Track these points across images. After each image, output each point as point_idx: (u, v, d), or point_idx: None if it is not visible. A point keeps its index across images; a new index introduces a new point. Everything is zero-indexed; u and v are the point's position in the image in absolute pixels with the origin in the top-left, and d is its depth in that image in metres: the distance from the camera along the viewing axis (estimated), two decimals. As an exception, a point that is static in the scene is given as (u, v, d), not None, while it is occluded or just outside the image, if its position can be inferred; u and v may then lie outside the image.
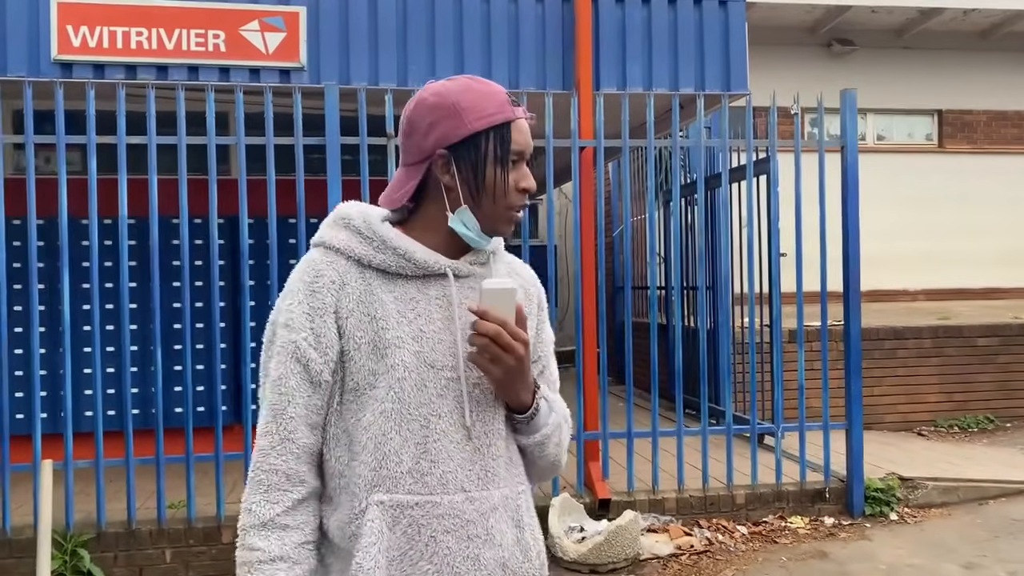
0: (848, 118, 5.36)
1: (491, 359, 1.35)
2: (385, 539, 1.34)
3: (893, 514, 5.33)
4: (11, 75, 4.98)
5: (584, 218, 5.30)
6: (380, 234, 1.41)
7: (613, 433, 5.28)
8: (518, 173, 1.42)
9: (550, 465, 1.54)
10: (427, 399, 1.38)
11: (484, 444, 1.40)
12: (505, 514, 1.41)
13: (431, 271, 1.41)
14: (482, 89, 1.42)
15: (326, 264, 1.40)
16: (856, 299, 5.40)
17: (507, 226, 1.44)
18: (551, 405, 1.50)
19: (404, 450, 1.36)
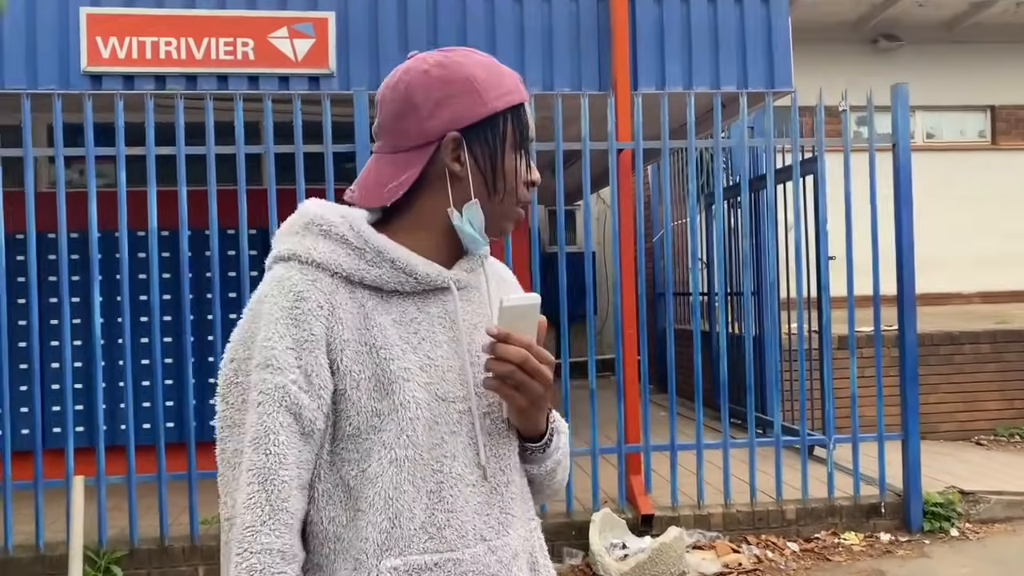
0: (900, 114, 5.11)
1: (515, 386, 1.13)
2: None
3: (954, 530, 5.04)
4: (42, 88, 4.96)
5: (623, 223, 5.11)
6: (373, 243, 1.15)
7: (656, 446, 5.07)
8: (526, 164, 1.23)
9: (554, 490, 1.35)
10: (439, 439, 1.15)
11: (501, 483, 1.20)
12: (524, 560, 1.22)
13: (432, 285, 1.18)
14: (494, 64, 1.21)
15: (307, 284, 1.12)
16: (911, 304, 5.13)
17: (511, 223, 1.23)
18: (558, 426, 1.30)
19: (416, 504, 1.13)
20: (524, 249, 6.39)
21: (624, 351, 5.06)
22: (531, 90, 5.19)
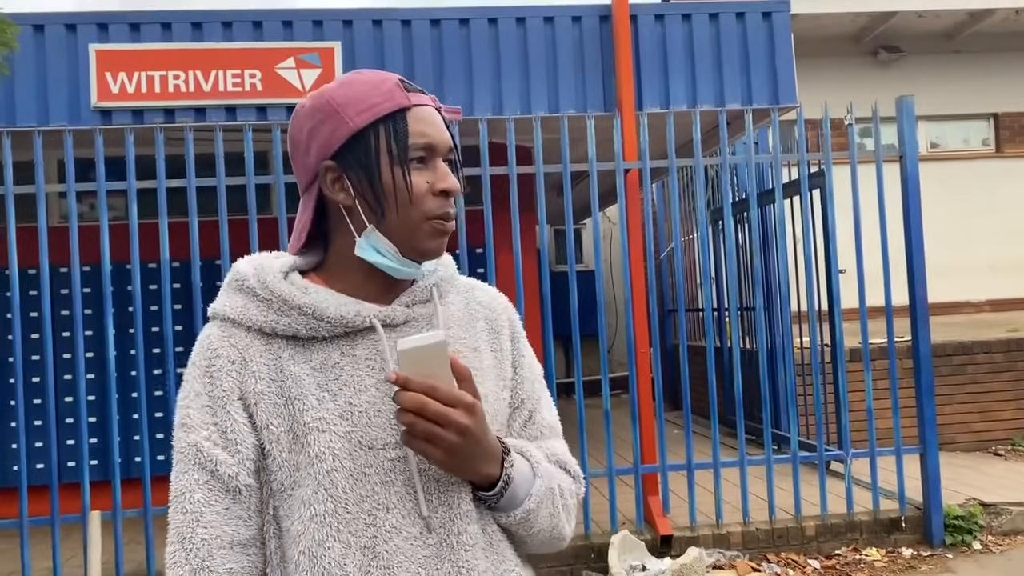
0: (906, 127, 5.12)
1: (425, 438, 1.03)
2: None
3: (976, 543, 4.99)
4: (53, 125, 5.00)
5: (632, 241, 5.12)
6: (278, 292, 1.11)
7: (672, 465, 5.04)
8: (432, 173, 1.11)
9: (545, 541, 1.19)
10: (369, 491, 1.07)
11: (451, 534, 1.09)
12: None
13: (353, 327, 1.11)
14: (364, 79, 1.12)
15: (222, 340, 1.11)
16: (924, 315, 5.12)
17: (431, 241, 1.12)
18: (536, 468, 1.15)
19: (348, 560, 1.05)
20: (533, 268, 6.40)
21: (638, 370, 5.05)
22: (537, 113, 5.22)
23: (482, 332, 1.22)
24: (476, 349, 1.20)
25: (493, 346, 1.22)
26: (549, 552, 1.25)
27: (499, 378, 1.21)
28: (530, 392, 1.24)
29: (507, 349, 1.23)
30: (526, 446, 1.18)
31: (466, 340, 1.19)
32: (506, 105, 5.29)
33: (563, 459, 1.24)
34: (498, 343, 1.23)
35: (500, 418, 1.18)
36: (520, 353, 1.25)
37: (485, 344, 1.22)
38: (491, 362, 1.20)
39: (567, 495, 1.20)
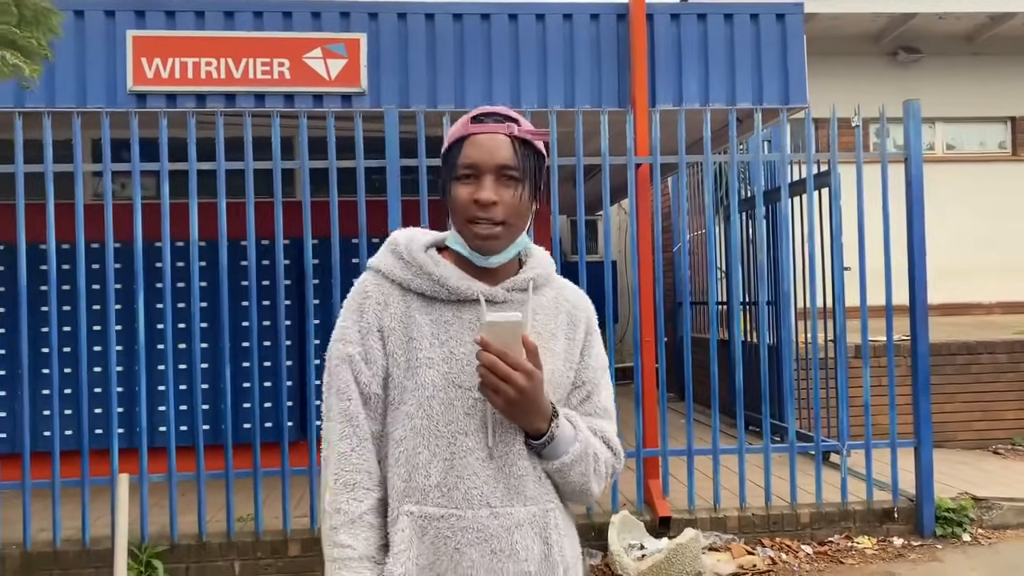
0: (912, 129, 5.26)
1: (492, 388, 1.35)
2: (415, 548, 1.40)
3: (966, 535, 5.16)
4: (90, 106, 5.23)
5: (641, 234, 5.30)
6: (418, 261, 1.48)
7: (673, 451, 5.24)
8: (475, 186, 1.41)
9: (576, 492, 1.49)
10: (455, 417, 1.41)
11: (506, 463, 1.42)
12: (531, 531, 1.42)
13: (464, 297, 1.45)
14: (466, 114, 1.49)
15: (374, 286, 1.49)
16: (923, 314, 5.27)
17: (474, 239, 1.43)
18: (578, 434, 1.45)
19: (432, 465, 1.41)
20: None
21: (643, 359, 5.23)
22: (553, 107, 5.40)
23: (562, 322, 1.53)
24: (553, 334, 1.51)
25: (568, 335, 1.53)
26: (579, 504, 1.56)
27: (567, 360, 1.52)
28: (591, 378, 1.55)
29: (580, 340, 1.54)
30: (575, 417, 1.48)
31: (546, 325, 1.51)
32: (524, 98, 5.47)
33: (607, 436, 1.53)
34: (573, 333, 1.53)
35: (561, 391, 1.50)
36: (590, 345, 1.55)
37: (562, 332, 1.52)
38: (563, 346, 1.52)
39: (601, 463, 1.49)
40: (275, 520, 5.03)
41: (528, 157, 1.45)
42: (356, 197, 5.07)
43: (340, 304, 4.72)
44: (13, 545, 4.77)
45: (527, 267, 1.52)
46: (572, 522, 1.55)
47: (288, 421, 5.16)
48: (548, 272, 1.55)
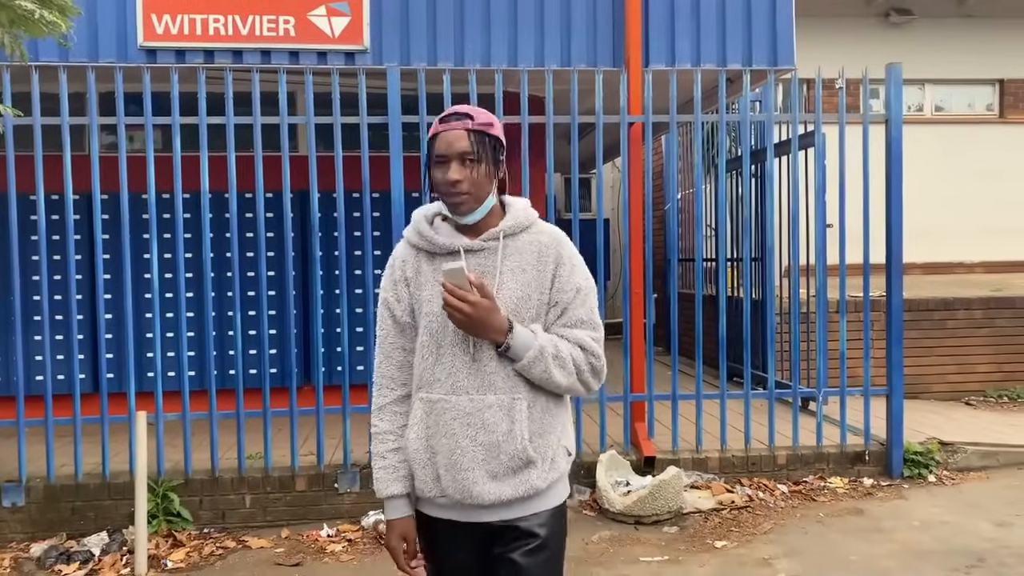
0: (893, 92, 5.47)
1: (449, 313, 1.90)
2: (423, 422, 1.99)
3: (931, 476, 5.50)
4: (102, 61, 5.41)
5: (632, 193, 5.53)
6: (419, 229, 2.05)
7: (658, 395, 5.55)
8: (445, 169, 1.94)
9: (544, 383, 1.96)
10: (447, 334, 1.97)
11: (481, 365, 1.95)
12: (499, 412, 1.94)
13: (450, 250, 1.99)
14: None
15: (401, 249, 2.09)
16: (898, 270, 5.54)
17: (453, 209, 1.98)
18: (535, 339, 1.92)
19: (437, 366, 1.98)
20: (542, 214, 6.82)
21: (631, 309, 5.51)
22: (549, 65, 5.60)
23: (532, 258, 1.99)
24: (523, 268, 1.98)
25: (537, 268, 1.98)
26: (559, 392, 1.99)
27: (538, 287, 1.98)
28: (563, 299, 1.99)
29: (548, 271, 1.98)
30: (537, 329, 1.95)
31: (518, 261, 1.99)
32: (521, 56, 5.66)
33: (581, 340, 1.97)
34: (542, 266, 1.98)
35: (532, 310, 1.97)
36: (559, 274, 1.99)
37: (531, 266, 1.98)
38: (533, 276, 1.98)
39: (568, 362, 1.94)
40: (283, 458, 5.34)
41: (483, 142, 1.94)
42: (360, 152, 5.29)
43: (344, 255, 4.97)
44: (37, 478, 5.07)
45: (504, 220, 2.00)
46: (556, 418, 2.01)
47: (295, 367, 5.43)
48: (522, 221, 2.02)
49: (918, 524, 4.71)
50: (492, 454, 1.93)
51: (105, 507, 5.04)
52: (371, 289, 5.36)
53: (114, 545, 4.76)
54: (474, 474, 1.92)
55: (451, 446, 1.94)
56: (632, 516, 4.88)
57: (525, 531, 1.95)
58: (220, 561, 4.56)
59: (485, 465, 1.93)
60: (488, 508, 1.95)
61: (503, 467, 1.93)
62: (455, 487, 1.94)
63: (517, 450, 1.93)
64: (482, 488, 1.93)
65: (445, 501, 1.97)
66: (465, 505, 1.95)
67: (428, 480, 1.97)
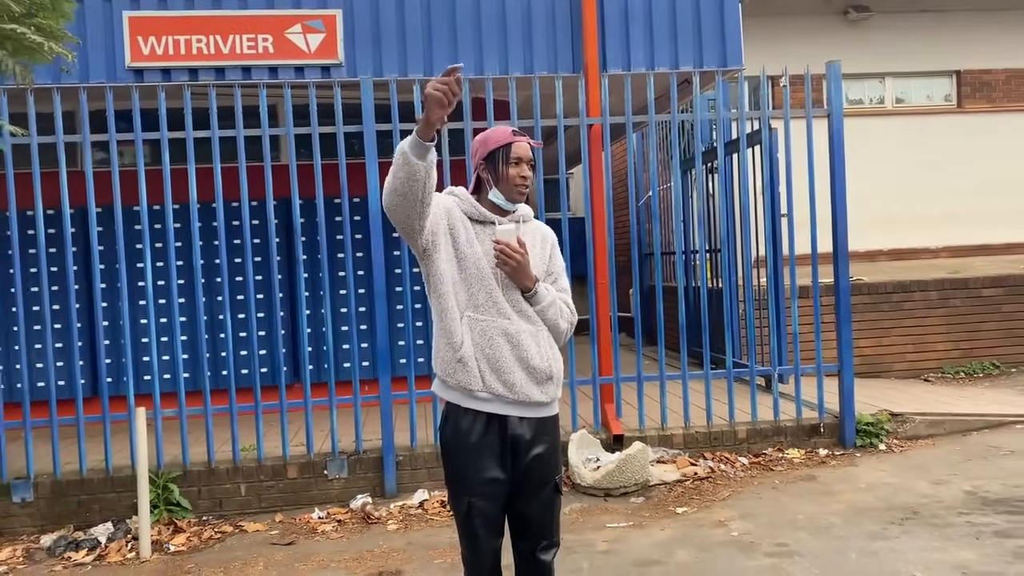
0: (833, 88, 5.86)
1: (501, 262, 2.52)
2: (469, 335, 2.54)
3: (882, 445, 5.89)
4: (93, 81, 5.76)
5: (594, 190, 5.91)
6: (470, 200, 2.65)
7: (625, 377, 5.93)
8: (518, 168, 2.60)
9: (552, 327, 2.64)
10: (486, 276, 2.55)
11: (512, 302, 2.58)
12: (530, 338, 2.57)
13: (488, 220, 2.61)
14: (500, 130, 2.67)
15: (446, 199, 2.62)
16: (844, 254, 5.92)
17: (519, 197, 2.63)
18: (549, 292, 2.63)
19: (480, 294, 2.55)
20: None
21: (597, 299, 5.89)
22: (513, 73, 5.98)
23: (538, 239, 2.70)
24: (533, 245, 2.66)
25: (541, 246, 2.70)
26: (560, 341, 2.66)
27: (542, 259, 2.69)
28: (555, 270, 2.72)
29: (548, 250, 2.72)
30: (549, 287, 2.65)
31: (531, 239, 2.66)
32: (487, 66, 6.04)
33: (567, 301, 2.70)
34: (544, 246, 2.71)
35: (539, 273, 2.63)
36: (554, 255, 2.73)
37: (538, 244, 2.69)
38: (539, 252, 2.68)
39: (565, 311, 2.67)
40: (275, 449, 5.69)
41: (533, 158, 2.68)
42: (338, 160, 5.65)
43: (326, 258, 5.33)
44: (44, 475, 5.41)
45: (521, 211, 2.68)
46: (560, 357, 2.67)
47: (283, 366, 5.77)
48: (530, 214, 2.74)
49: (864, 486, 5.10)
50: (527, 365, 2.55)
51: (109, 500, 5.38)
52: (353, 290, 5.72)
53: (119, 533, 5.10)
54: (517, 375, 2.54)
55: (496, 355, 2.53)
56: (601, 489, 5.25)
57: (547, 424, 2.62)
58: (219, 544, 4.91)
59: (524, 371, 2.55)
60: (526, 405, 2.56)
61: (538, 376, 2.57)
62: (500, 383, 2.53)
63: (543, 367, 2.57)
64: (525, 387, 2.55)
65: (487, 396, 2.53)
66: (507, 400, 2.53)
67: (474, 375, 2.53)
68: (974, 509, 4.55)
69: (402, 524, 4.99)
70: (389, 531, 4.89)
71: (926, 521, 4.41)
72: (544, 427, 2.61)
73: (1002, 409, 6.42)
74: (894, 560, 3.91)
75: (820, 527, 4.43)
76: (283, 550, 4.70)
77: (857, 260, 9.61)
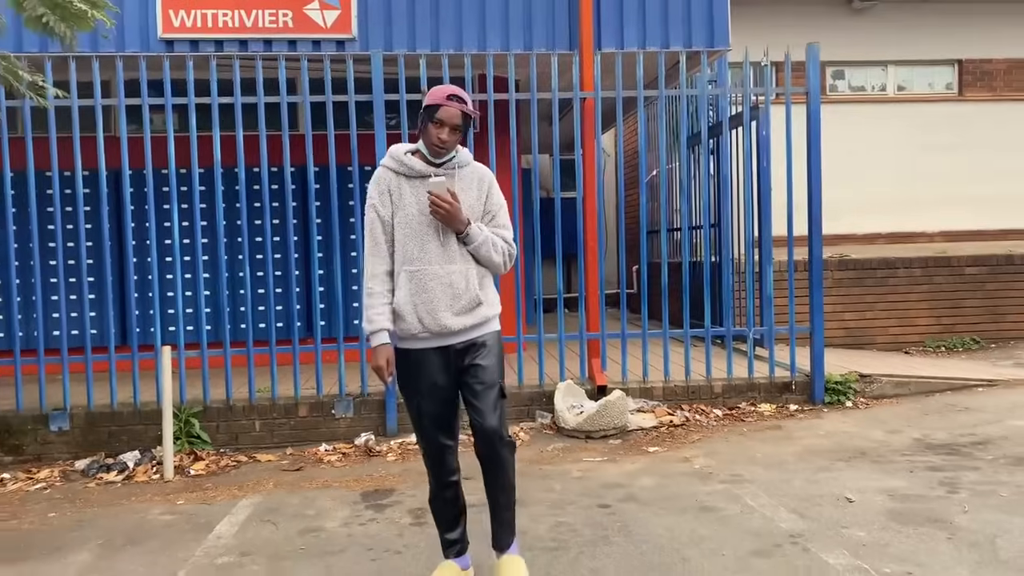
0: (811, 69, 6.26)
1: (433, 211, 2.95)
2: (406, 286, 2.99)
3: (848, 402, 6.32)
4: (128, 51, 6.30)
5: (586, 162, 6.36)
6: (401, 159, 3.06)
7: (610, 334, 6.40)
8: (439, 129, 2.96)
9: (487, 261, 3.07)
10: (423, 230, 3.00)
11: (447, 247, 3.01)
12: (459, 276, 3.01)
13: (422, 174, 3.02)
14: (440, 88, 3.01)
15: (382, 171, 3.09)
16: (818, 222, 6.31)
17: (433, 154, 3.01)
18: (482, 231, 3.03)
19: (414, 249, 3.00)
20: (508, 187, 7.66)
21: (587, 264, 6.34)
22: (513, 50, 6.44)
23: (473, 181, 3.09)
24: (469, 187, 3.06)
25: (478, 188, 3.08)
26: (496, 272, 3.12)
27: (478, 200, 3.08)
28: (492, 209, 3.10)
29: (484, 191, 3.10)
30: (483, 227, 3.05)
31: (468, 183, 3.07)
32: (489, 42, 6.51)
33: (506, 237, 3.11)
34: (480, 188, 3.09)
35: (475, 216, 3.05)
36: (489, 193, 3.11)
37: (474, 186, 3.08)
38: (475, 194, 3.08)
39: (500, 248, 3.07)
40: (288, 391, 6.21)
41: (465, 120, 3.00)
42: (349, 130, 6.13)
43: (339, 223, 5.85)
44: (79, 407, 5.98)
45: (457, 158, 3.08)
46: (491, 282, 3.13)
47: (297, 321, 6.27)
48: (467, 159, 3.12)
49: (823, 434, 5.54)
50: (457, 301, 3.00)
51: (136, 431, 5.94)
52: (361, 250, 6.22)
53: (145, 459, 5.66)
54: (446, 314, 2.98)
55: (429, 298, 2.98)
56: (583, 432, 5.73)
57: (480, 343, 3.04)
58: (234, 470, 5.45)
59: (452, 308, 2.99)
60: (456, 333, 3.01)
61: (464, 308, 3.01)
62: (434, 323, 2.98)
63: (472, 296, 3.03)
64: (452, 321, 3.00)
65: (426, 335, 3.00)
66: (441, 334, 3.00)
67: (415, 322, 2.98)
68: (917, 452, 4.98)
69: (400, 457, 5.51)
70: (388, 462, 5.41)
71: (870, 460, 4.86)
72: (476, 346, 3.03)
73: (966, 374, 6.81)
74: (831, 485, 4.36)
75: (774, 463, 4.88)
76: (292, 474, 5.23)
77: (856, 243, 9.98)
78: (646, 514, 4.03)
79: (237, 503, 4.58)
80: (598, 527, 3.87)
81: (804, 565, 3.32)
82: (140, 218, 7.21)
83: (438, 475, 3.12)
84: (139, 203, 7.13)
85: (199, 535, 4.04)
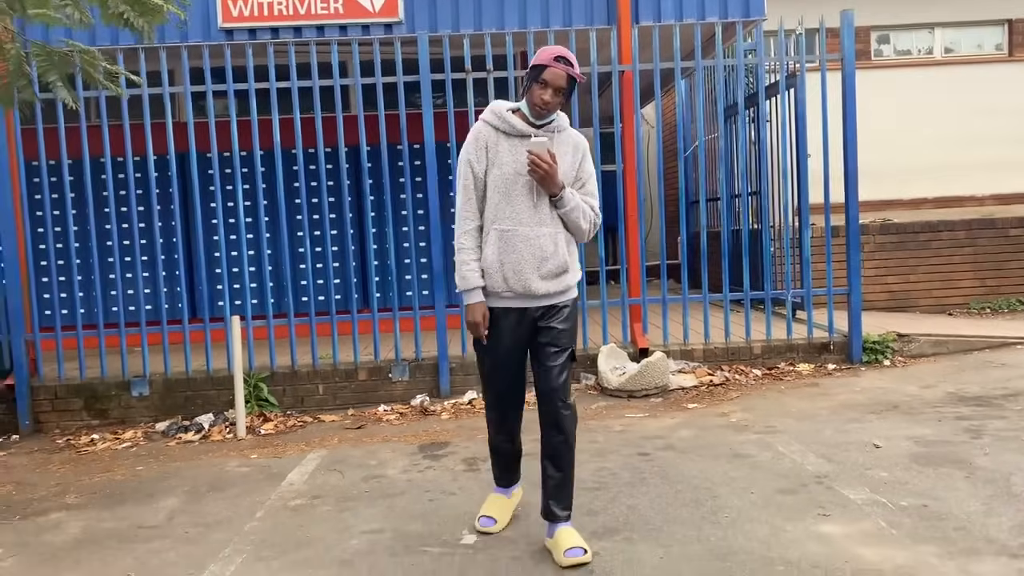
0: (845, 36, 6.38)
1: (531, 171, 3.02)
2: (496, 244, 3.09)
3: (886, 361, 6.49)
4: (191, 41, 6.71)
5: (625, 132, 6.59)
6: (503, 116, 3.13)
7: (651, 299, 6.65)
8: (544, 90, 3.01)
9: (574, 228, 3.16)
10: (517, 189, 3.08)
11: (539, 209, 3.10)
12: (548, 240, 3.10)
13: (523, 133, 3.10)
14: (550, 49, 3.05)
15: (482, 127, 3.16)
16: (854, 186, 6.47)
17: (535, 114, 3.07)
18: (574, 197, 3.11)
19: (506, 207, 3.09)
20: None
21: (627, 233, 6.59)
22: (553, 27, 6.69)
23: (569, 148, 3.16)
24: (565, 152, 3.14)
25: (572, 154, 3.15)
26: (581, 240, 3.20)
27: (572, 166, 3.15)
28: (583, 176, 3.19)
29: (579, 158, 3.17)
30: (574, 192, 3.13)
31: (563, 148, 3.14)
32: (529, 20, 6.76)
33: (593, 205, 3.19)
34: (575, 154, 3.16)
35: (567, 181, 3.12)
36: (583, 161, 3.18)
37: (569, 152, 3.15)
38: (569, 160, 3.14)
39: (589, 215, 3.17)
40: (348, 357, 6.62)
41: (570, 82, 3.04)
42: (398, 110, 6.46)
43: (391, 199, 6.24)
44: (157, 374, 6.47)
45: (556, 122, 3.15)
46: (576, 249, 3.22)
47: (355, 294, 6.66)
48: (565, 125, 3.19)
49: (859, 390, 5.74)
50: (544, 264, 3.08)
51: (210, 396, 6.41)
52: (413, 226, 6.57)
53: (219, 421, 6.12)
54: (532, 276, 3.08)
55: (516, 259, 3.07)
56: (625, 391, 6.02)
57: (560, 307, 3.16)
58: (301, 429, 5.88)
59: (539, 271, 3.08)
60: (539, 298, 3.12)
61: (550, 272, 3.10)
62: (519, 284, 3.08)
63: (560, 260, 3.11)
64: (537, 284, 3.09)
65: (510, 295, 3.11)
66: (524, 295, 3.10)
67: (499, 281, 3.09)
68: (948, 404, 5.17)
69: (453, 415, 5.88)
70: (442, 419, 5.78)
71: (902, 412, 5.06)
72: (556, 308, 3.14)
73: (1006, 332, 6.91)
74: (861, 434, 4.59)
75: (807, 416, 5.12)
76: (354, 431, 5.64)
77: (902, 207, 10.01)
78: (682, 460, 4.32)
79: (305, 456, 5.00)
80: (636, 471, 4.17)
81: (826, 500, 3.58)
82: (207, 198, 7.67)
83: (500, 428, 3.32)
84: (205, 184, 7.59)
85: (273, 483, 4.46)
